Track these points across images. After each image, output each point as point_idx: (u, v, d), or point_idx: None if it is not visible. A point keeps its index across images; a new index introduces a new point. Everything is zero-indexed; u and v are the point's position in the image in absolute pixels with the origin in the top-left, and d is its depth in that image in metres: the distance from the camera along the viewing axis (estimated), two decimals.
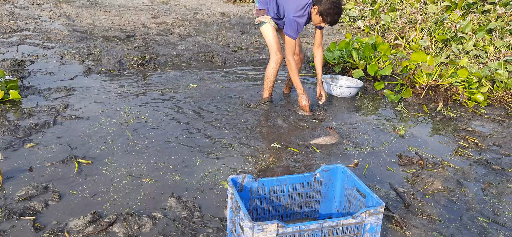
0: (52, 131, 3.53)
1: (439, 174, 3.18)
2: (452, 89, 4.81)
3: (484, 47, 6.13)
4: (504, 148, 3.69)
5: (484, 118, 4.35)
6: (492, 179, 3.17)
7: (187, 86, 4.82)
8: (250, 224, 1.90)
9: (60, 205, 2.59)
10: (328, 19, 3.75)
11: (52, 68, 5.11)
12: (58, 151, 3.22)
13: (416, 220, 2.64)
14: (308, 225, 1.99)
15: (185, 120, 3.90)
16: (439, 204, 2.84)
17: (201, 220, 2.52)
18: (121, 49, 6.08)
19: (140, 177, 2.94)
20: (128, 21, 8.11)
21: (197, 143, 3.48)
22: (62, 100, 4.16)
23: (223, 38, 7.19)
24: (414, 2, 8.17)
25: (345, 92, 4.68)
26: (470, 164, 3.39)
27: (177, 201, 2.67)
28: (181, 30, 7.63)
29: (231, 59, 6.01)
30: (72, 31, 7.02)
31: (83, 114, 3.88)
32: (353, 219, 2.05)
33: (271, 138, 3.62)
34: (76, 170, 2.97)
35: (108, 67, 5.30)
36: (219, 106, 4.27)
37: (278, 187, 2.39)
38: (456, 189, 3.01)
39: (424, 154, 3.49)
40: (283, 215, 2.48)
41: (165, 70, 5.39)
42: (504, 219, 2.71)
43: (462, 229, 2.59)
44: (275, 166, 3.18)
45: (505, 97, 4.77)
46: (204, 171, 3.07)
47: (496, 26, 6.50)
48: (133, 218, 2.47)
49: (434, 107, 4.55)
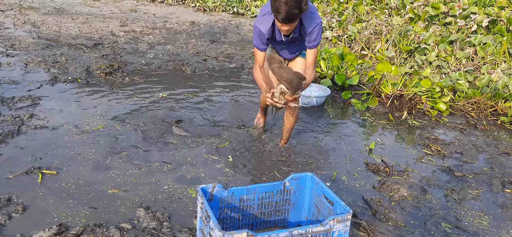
0: (16, 141, 3.43)
1: (405, 181, 3.28)
2: (416, 98, 4.96)
3: (446, 58, 6.37)
4: (465, 156, 3.84)
5: (446, 127, 4.51)
6: (454, 186, 3.29)
7: (156, 95, 4.78)
8: (220, 233, 1.91)
9: (24, 217, 2.52)
10: (278, 16, 2.91)
11: (16, 77, 4.97)
12: (22, 161, 3.13)
13: (382, 226, 2.71)
14: (277, 233, 2.01)
15: (154, 129, 3.87)
16: (405, 210, 2.92)
17: (170, 230, 2.51)
18: (88, 57, 5.97)
19: (107, 187, 2.90)
20: (96, 29, 7.97)
21: (166, 153, 3.45)
22: (26, 110, 4.05)
23: (192, 46, 7.18)
24: (380, 14, 8.41)
25: (312, 101, 4.75)
26: (433, 171, 3.51)
27: (145, 211, 2.65)
28: (150, 38, 7.57)
29: (201, 68, 6.01)
30: (38, 39, 6.84)
31: (49, 124, 3.79)
32: (322, 226, 2.09)
33: (239, 148, 3.64)
34: (40, 181, 2.89)
35: (75, 75, 5.19)
36: (189, 116, 4.26)
37: (248, 196, 2.41)
38: (421, 196, 3.11)
39: (390, 162, 3.59)
40: (253, 223, 2.49)
41: (134, 78, 5.33)
42: (466, 224, 2.82)
43: (427, 235, 2.67)
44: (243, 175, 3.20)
45: (466, 106, 4.96)
46: (174, 181, 3.05)
47: (457, 38, 6.77)
48: (100, 230, 2.42)
49: (399, 116, 4.68)
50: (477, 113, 4.87)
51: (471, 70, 5.93)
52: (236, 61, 6.52)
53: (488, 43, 6.44)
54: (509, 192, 3.25)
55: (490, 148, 4.05)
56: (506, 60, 6.05)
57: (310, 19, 3.10)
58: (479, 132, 4.43)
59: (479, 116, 4.81)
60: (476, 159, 3.80)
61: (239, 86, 5.36)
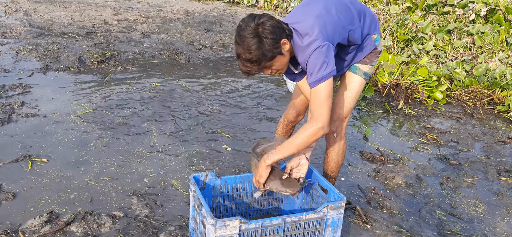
0: (6, 129, 3.37)
1: (400, 169, 3.25)
2: (412, 87, 4.93)
3: (443, 47, 6.33)
4: (461, 144, 3.82)
5: (442, 116, 4.48)
6: (449, 174, 3.26)
7: (149, 84, 4.72)
8: (213, 221, 1.87)
9: (14, 204, 2.47)
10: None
11: (7, 65, 4.89)
12: (12, 149, 3.08)
13: (377, 214, 2.68)
14: (270, 220, 1.98)
15: (148, 118, 3.82)
16: (399, 198, 2.89)
17: (163, 218, 2.47)
18: (80, 46, 5.90)
19: (99, 175, 2.85)
20: (88, 17, 7.88)
21: (159, 141, 3.41)
22: (17, 98, 3.98)
23: (187, 35, 7.10)
24: (377, 2, 8.34)
25: None
26: (429, 159, 3.49)
27: (138, 199, 2.61)
28: (144, 27, 7.49)
29: (195, 57, 5.94)
30: (29, 27, 6.75)
31: (40, 112, 3.73)
32: (315, 214, 2.06)
33: (230, 140, 3.60)
34: (30, 168, 2.84)
35: (67, 64, 5.12)
36: (182, 105, 4.21)
37: (241, 184, 2.37)
38: (416, 184, 3.08)
39: (385, 150, 3.56)
40: (246, 212, 2.46)
41: (127, 67, 5.26)
42: (460, 212, 2.80)
43: (421, 222, 2.65)
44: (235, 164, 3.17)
45: (463, 95, 4.93)
46: (167, 170, 3.01)
47: (455, 27, 6.73)
48: (92, 217, 2.38)
49: (396, 105, 4.65)
50: (474, 102, 4.84)
51: (468, 59, 5.90)
52: (231, 51, 6.45)
53: (486, 32, 6.41)
54: (504, 180, 3.23)
55: (486, 136, 4.02)
56: (504, 49, 6.01)
57: (301, 48, 2.14)
58: (475, 121, 4.40)
59: (476, 105, 4.78)
60: (472, 147, 3.77)
61: (234, 76, 5.30)
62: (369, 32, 2.37)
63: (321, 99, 2.10)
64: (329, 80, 2.10)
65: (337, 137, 2.51)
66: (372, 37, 2.40)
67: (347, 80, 2.47)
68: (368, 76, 2.48)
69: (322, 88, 2.09)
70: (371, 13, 2.42)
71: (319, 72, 2.08)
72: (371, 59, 2.44)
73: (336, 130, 2.48)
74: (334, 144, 2.54)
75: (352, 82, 2.46)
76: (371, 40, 2.39)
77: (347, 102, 2.46)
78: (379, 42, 2.43)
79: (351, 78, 2.46)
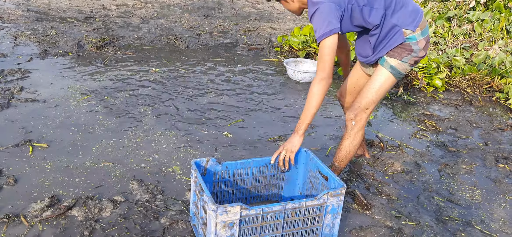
0: (5, 114, 3.37)
1: (399, 156, 3.27)
2: (412, 74, 4.93)
3: (443, 35, 6.32)
4: (460, 131, 3.83)
5: (441, 103, 4.49)
6: (448, 161, 3.28)
7: (149, 69, 4.71)
8: (214, 206, 1.89)
9: (15, 189, 2.49)
10: None
11: (6, 50, 4.87)
12: (12, 134, 3.08)
13: (376, 199, 2.71)
14: (271, 207, 2.00)
15: (147, 103, 3.82)
16: (398, 184, 2.92)
17: (163, 203, 2.49)
18: (79, 31, 5.87)
19: (99, 160, 2.86)
20: (86, 2, 7.82)
21: (160, 126, 3.41)
22: (16, 83, 3.97)
23: (186, 21, 7.07)
24: None
25: (306, 77, 4.70)
26: (428, 146, 3.51)
27: (139, 184, 2.62)
28: (142, 12, 7.44)
29: (194, 43, 5.92)
30: (27, 11, 6.70)
31: (39, 97, 3.72)
32: (315, 200, 2.07)
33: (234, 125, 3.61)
34: (30, 153, 2.85)
35: (65, 49, 5.10)
36: (182, 91, 4.21)
37: (242, 170, 2.39)
38: (414, 170, 3.11)
39: (384, 137, 3.57)
40: (246, 198, 2.48)
41: (126, 53, 5.24)
42: (458, 198, 2.83)
43: (419, 208, 2.68)
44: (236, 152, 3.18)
45: (462, 82, 4.94)
46: (167, 155, 3.02)
47: (455, 14, 6.71)
48: (93, 202, 2.40)
49: (395, 92, 4.66)
50: (473, 89, 4.85)
51: (468, 47, 5.89)
52: (231, 37, 6.43)
53: (486, 19, 6.39)
54: (502, 167, 3.26)
55: (485, 124, 4.04)
56: (504, 36, 6.01)
57: (311, 4, 2.34)
58: (474, 108, 4.42)
59: (475, 93, 4.79)
60: (470, 134, 3.79)
61: (233, 62, 5.29)
62: (397, 24, 2.40)
63: (324, 53, 2.28)
64: (332, 37, 2.25)
65: (355, 126, 2.55)
66: (404, 32, 2.41)
67: (375, 71, 2.54)
68: (397, 72, 2.48)
69: (324, 44, 2.26)
70: (413, 8, 2.44)
71: (321, 29, 2.25)
72: (400, 54, 2.44)
73: (354, 118, 2.54)
74: (350, 132, 2.58)
75: (378, 74, 2.51)
76: (401, 33, 2.41)
77: (370, 93, 2.51)
78: (414, 41, 2.42)
79: (378, 70, 2.52)
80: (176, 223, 2.32)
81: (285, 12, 8.59)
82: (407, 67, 2.50)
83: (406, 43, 2.42)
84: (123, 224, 2.28)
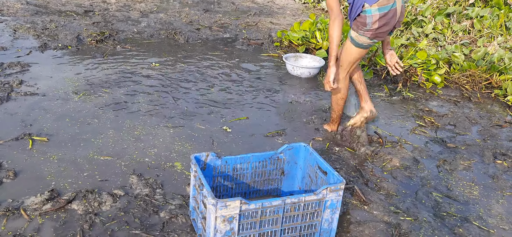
0: (5, 108, 3.37)
1: (397, 151, 3.29)
2: (411, 70, 4.94)
3: (443, 31, 6.32)
4: (458, 127, 3.85)
5: (440, 99, 4.50)
6: (446, 156, 3.30)
7: (148, 63, 4.71)
8: (214, 201, 1.90)
9: (15, 183, 2.50)
10: None
11: (5, 43, 4.86)
12: (12, 128, 3.09)
13: (374, 195, 2.72)
14: (270, 201, 2.01)
15: (147, 97, 3.83)
16: (397, 180, 2.93)
17: (163, 197, 2.50)
18: (78, 25, 5.85)
19: (99, 154, 2.87)
20: None
21: (160, 121, 3.42)
22: (16, 76, 3.97)
23: (186, 15, 7.06)
24: None
25: (305, 72, 4.70)
26: (426, 142, 3.52)
27: (138, 178, 2.63)
28: (142, 6, 7.42)
29: (194, 37, 5.92)
30: (26, 4, 6.68)
31: (39, 91, 3.73)
32: (315, 195, 2.09)
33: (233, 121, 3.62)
34: (30, 146, 2.86)
35: (65, 42, 5.09)
36: (181, 85, 4.21)
37: (242, 165, 2.40)
38: (413, 166, 3.12)
39: (383, 133, 3.59)
40: (246, 192, 2.49)
41: (126, 47, 5.24)
42: (456, 194, 2.84)
43: (418, 203, 2.69)
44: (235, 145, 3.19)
45: (461, 79, 4.95)
46: (167, 149, 3.03)
47: (454, 11, 6.71)
48: (92, 196, 2.41)
49: (394, 88, 4.66)
50: (472, 86, 4.86)
51: (467, 43, 5.90)
52: (230, 31, 6.42)
53: (485, 16, 6.39)
54: (500, 163, 3.28)
55: (483, 120, 4.06)
56: (503, 33, 6.01)
57: None
58: (473, 104, 4.43)
59: (474, 89, 4.80)
60: (469, 131, 3.81)
61: (233, 56, 5.29)
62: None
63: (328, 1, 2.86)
64: None
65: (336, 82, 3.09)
66: (364, 5, 2.80)
67: None
68: (356, 42, 2.95)
69: None
70: None
71: None
72: (358, 27, 2.89)
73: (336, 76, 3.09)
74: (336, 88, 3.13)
75: (346, 41, 3.06)
76: (361, 5, 2.80)
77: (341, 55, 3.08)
78: (369, 14, 2.79)
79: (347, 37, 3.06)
80: (175, 217, 2.33)
81: (285, 7, 8.57)
82: (366, 40, 2.91)
83: (362, 15, 2.82)
84: (122, 218, 2.29)
